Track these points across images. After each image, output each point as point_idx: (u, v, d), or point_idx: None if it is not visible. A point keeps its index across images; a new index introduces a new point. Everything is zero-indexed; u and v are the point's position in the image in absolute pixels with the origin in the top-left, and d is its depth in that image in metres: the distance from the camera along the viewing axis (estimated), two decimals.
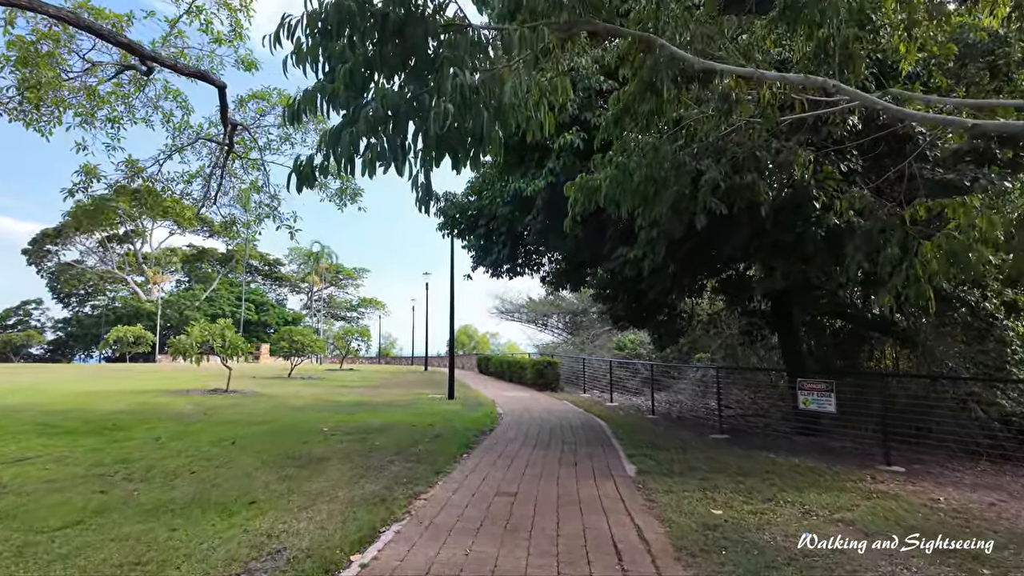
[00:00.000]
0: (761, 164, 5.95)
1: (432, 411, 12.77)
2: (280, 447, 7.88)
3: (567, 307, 30.16)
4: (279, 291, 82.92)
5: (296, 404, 13.70)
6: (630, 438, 9.86)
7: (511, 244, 10.33)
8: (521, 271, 13.54)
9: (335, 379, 23.92)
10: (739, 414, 14.00)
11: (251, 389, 16.98)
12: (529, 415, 12.83)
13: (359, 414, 11.92)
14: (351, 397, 15.87)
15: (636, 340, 21.71)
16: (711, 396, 17.91)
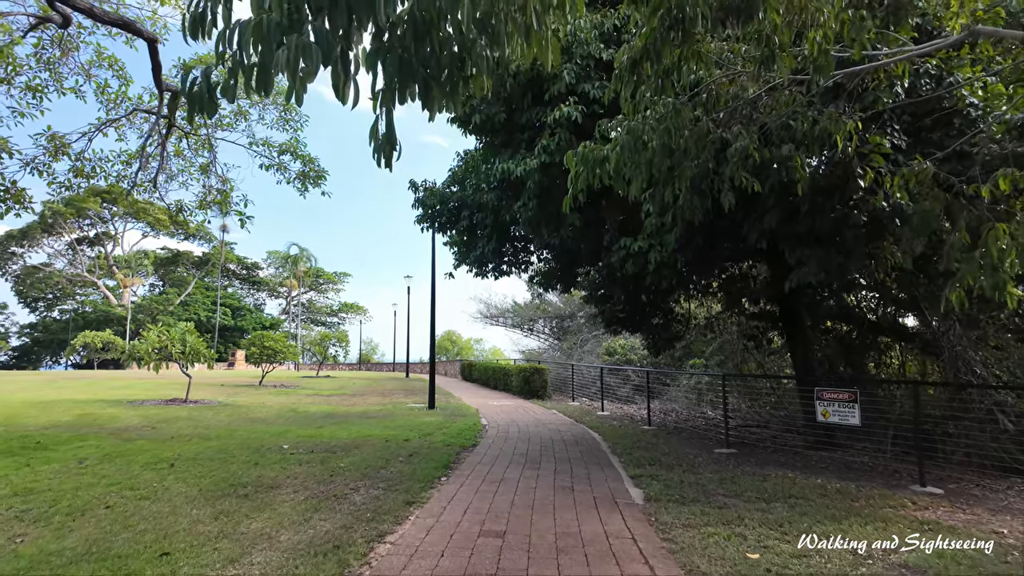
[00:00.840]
0: (796, 135, 4.98)
1: (409, 423, 11.64)
2: (226, 471, 6.72)
3: (554, 311, 29.17)
4: (257, 295, 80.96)
5: (260, 416, 12.48)
6: (629, 454, 8.84)
7: (497, 238, 9.29)
8: (508, 270, 12.51)
9: (309, 387, 22.63)
10: (741, 425, 13.07)
11: (214, 399, 15.68)
12: (516, 427, 11.76)
13: (327, 427, 10.76)
14: (322, 407, 14.67)
15: (627, 345, 20.76)
16: (708, 404, 17.02)
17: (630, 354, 20.26)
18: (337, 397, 18.08)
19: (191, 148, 8.15)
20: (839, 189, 5.22)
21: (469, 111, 7.39)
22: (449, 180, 9.78)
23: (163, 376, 19.65)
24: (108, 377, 26.70)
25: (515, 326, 32.12)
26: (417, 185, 9.73)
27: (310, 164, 8.57)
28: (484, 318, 33.04)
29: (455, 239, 11.35)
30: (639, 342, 21.25)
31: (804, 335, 10.25)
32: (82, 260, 61.05)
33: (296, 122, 8.38)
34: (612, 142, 4.71)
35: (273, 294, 78.97)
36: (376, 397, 18.38)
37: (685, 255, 6.86)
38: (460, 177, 9.67)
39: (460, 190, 9.47)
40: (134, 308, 57.68)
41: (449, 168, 10.00)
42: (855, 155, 5.13)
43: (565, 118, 6.48)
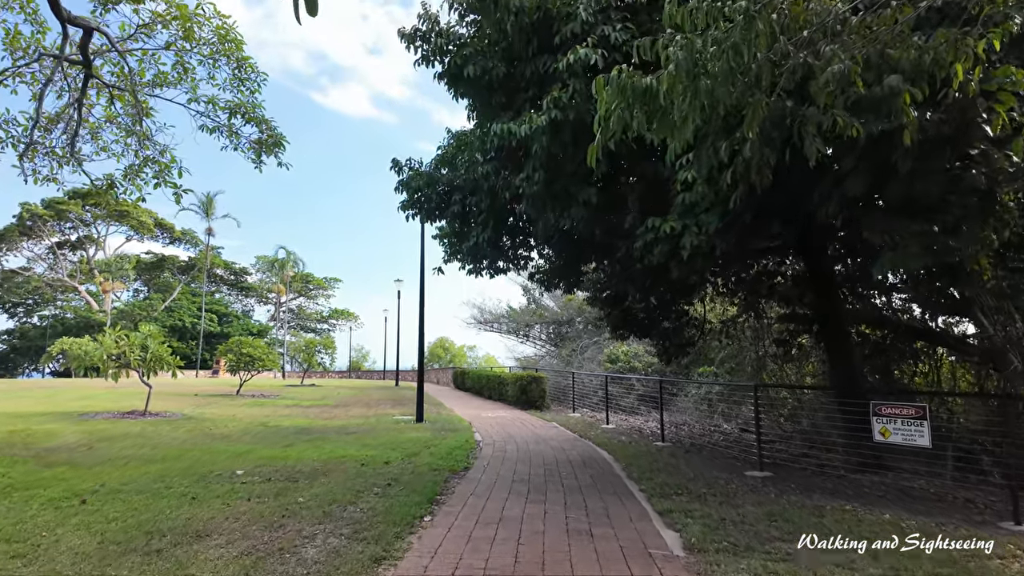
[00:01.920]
0: (901, 65, 3.66)
1: (393, 440, 10.23)
2: (150, 509, 5.30)
3: (551, 316, 27.79)
4: (245, 302, 79.26)
5: (224, 431, 11.03)
6: (650, 479, 7.48)
7: (494, 225, 7.92)
8: (505, 267, 11.15)
9: (291, 397, 21.15)
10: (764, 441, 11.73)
11: (179, 411, 14.19)
12: (515, 444, 10.37)
13: (297, 446, 9.33)
14: (298, 421, 13.21)
15: (630, 352, 19.42)
16: (721, 416, 15.70)
17: (634, 361, 18.92)
18: (317, 409, 16.61)
19: (121, 109, 6.72)
20: (952, 141, 3.92)
21: (460, 61, 6.05)
22: (438, 160, 8.42)
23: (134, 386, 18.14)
24: (78, 386, 25.09)
25: (510, 332, 30.71)
26: (401, 165, 8.36)
27: (265, 126, 7.11)
28: (478, 324, 31.62)
29: (445, 231, 9.98)
30: (643, 349, 19.92)
31: (845, 340, 8.94)
32: (63, 265, 59.19)
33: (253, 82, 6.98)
34: (662, 66, 3.37)
35: (262, 300, 77.23)
36: (360, 408, 16.93)
37: (726, 239, 5.52)
38: (450, 157, 8.33)
39: (451, 171, 8.12)
40: (116, 314, 55.85)
41: (438, 146, 8.68)
42: (978, 93, 3.82)
43: (582, 63, 5.15)
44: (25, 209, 52.29)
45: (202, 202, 55.92)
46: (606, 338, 22.27)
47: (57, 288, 59.15)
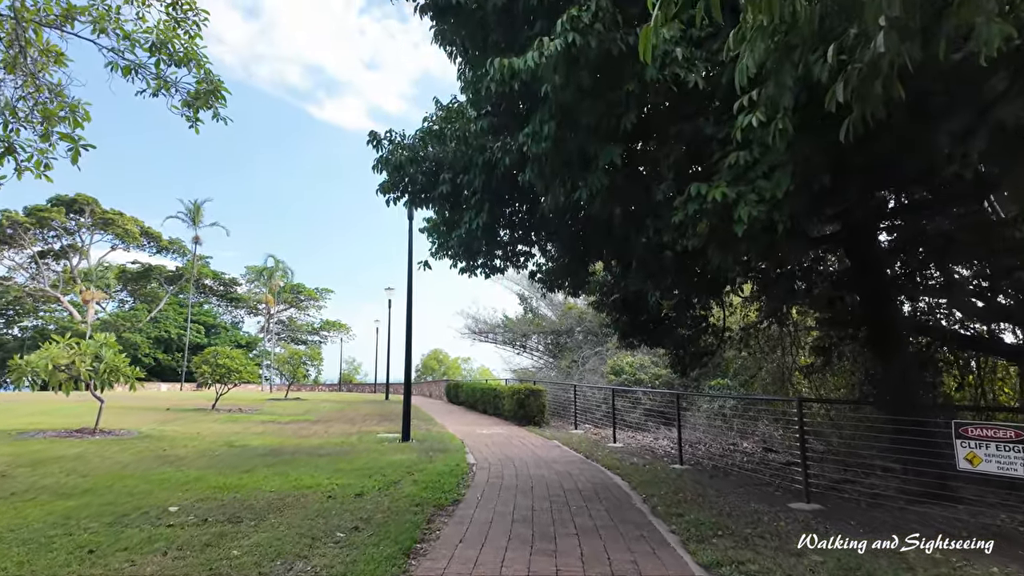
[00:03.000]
0: None
1: (372, 464, 8.84)
2: (23, 569, 3.91)
3: (549, 326, 26.44)
4: (235, 313, 77.54)
5: (179, 453, 9.61)
6: (679, 516, 6.13)
7: (489, 208, 6.58)
8: (501, 265, 9.84)
9: (271, 412, 19.67)
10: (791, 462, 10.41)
11: (137, 428, 12.73)
12: (513, 468, 9.00)
13: (258, 472, 7.93)
14: (270, 440, 11.78)
15: (636, 363, 18.09)
16: (739, 434, 14.35)
17: (640, 373, 17.58)
18: (296, 425, 15.17)
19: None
20: None
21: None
22: (424, 134, 7.10)
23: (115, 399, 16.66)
24: (43, 400, 23.52)
25: (506, 343, 29.32)
26: (379, 139, 7.04)
27: (201, 70, 5.66)
28: (472, 334, 30.21)
29: (433, 221, 8.67)
30: (649, 359, 18.60)
31: (897, 349, 7.64)
32: (46, 274, 57.45)
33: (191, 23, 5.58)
34: None
35: (252, 311, 75.52)
36: (342, 425, 15.49)
37: (796, 203, 4.21)
38: (438, 131, 7.04)
39: (438, 146, 6.83)
40: (99, 325, 54.07)
41: (424, 118, 7.33)
42: None
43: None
44: (4, 216, 50.65)
45: (189, 210, 54.52)
46: (609, 348, 20.94)
47: (39, 299, 57.36)
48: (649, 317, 11.72)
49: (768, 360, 13.57)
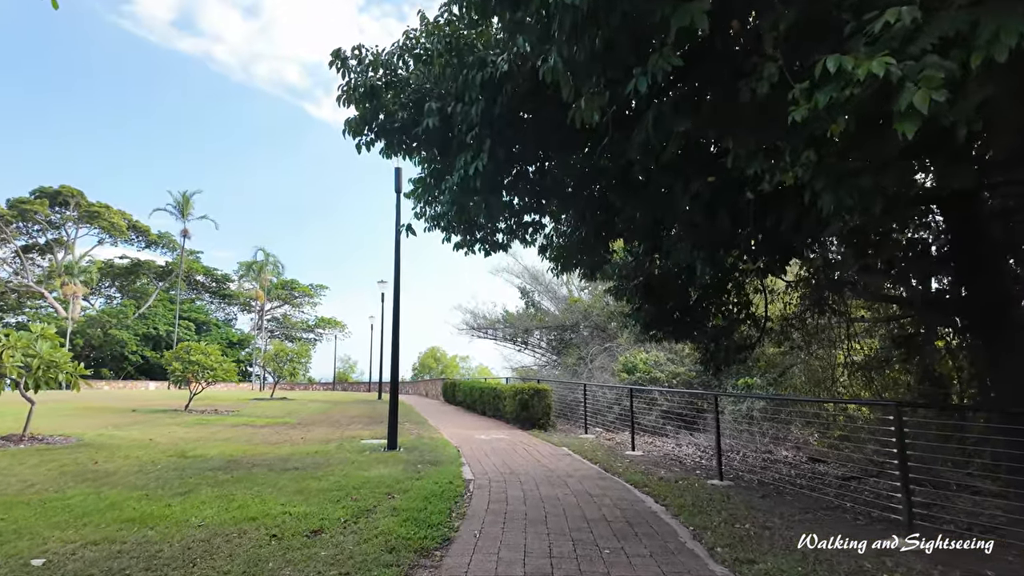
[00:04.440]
0: None
1: (345, 481, 7.14)
2: None
3: (552, 321, 24.72)
4: (228, 310, 75.84)
5: (111, 467, 7.90)
6: (751, 564, 4.45)
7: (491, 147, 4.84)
8: (505, 240, 8.16)
9: (250, 413, 17.95)
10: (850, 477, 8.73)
11: (79, 435, 11.00)
12: (519, 485, 7.30)
13: (197, 494, 6.24)
14: (233, 447, 10.08)
15: (650, 360, 16.41)
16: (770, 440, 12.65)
17: (655, 371, 15.90)
18: (271, 429, 13.46)
19: None
20: None
21: None
22: (403, 50, 5.36)
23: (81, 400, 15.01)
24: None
25: (506, 339, 27.61)
26: (344, 59, 5.29)
27: None
28: (471, 329, 28.47)
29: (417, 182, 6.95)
30: (665, 356, 16.91)
31: (1016, 336, 5.95)
32: (31, 270, 55.65)
33: None
34: None
35: (245, 308, 73.81)
36: (324, 429, 13.78)
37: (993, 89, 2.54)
38: (423, 54, 5.33)
39: (423, 68, 5.13)
40: (84, 322, 52.33)
41: (406, 32, 5.55)
42: None
43: None
44: None
45: (177, 201, 52.70)
46: (620, 344, 19.26)
47: (24, 294, 55.56)
48: (676, 305, 10.04)
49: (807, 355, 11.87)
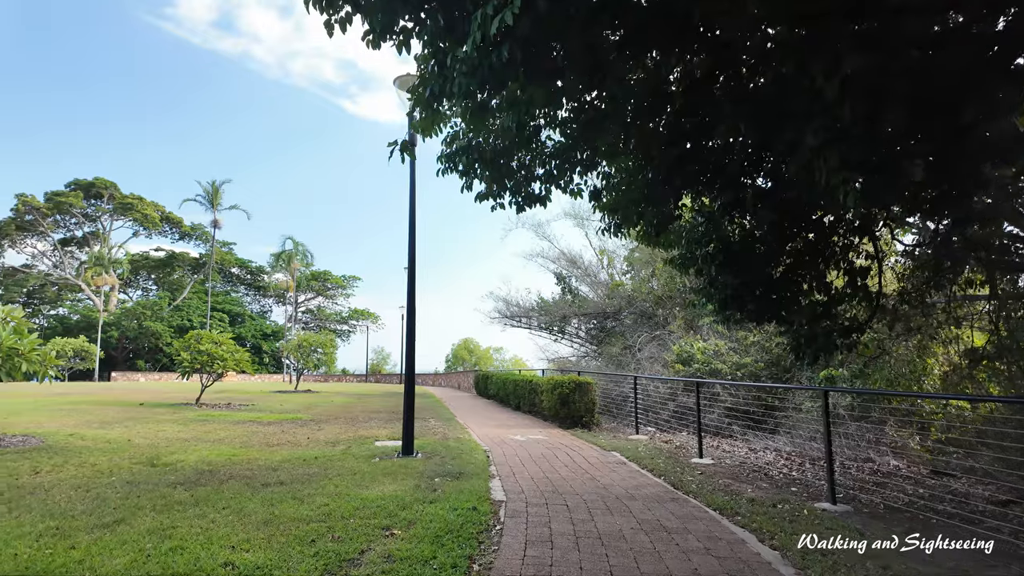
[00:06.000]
0: None
1: (334, 505, 5.36)
2: None
3: (592, 308, 22.64)
4: (263, 302, 76.00)
5: (44, 481, 6.32)
6: None
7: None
8: (544, 186, 6.25)
9: (264, 407, 16.52)
10: (1003, 501, 6.57)
11: (42, 435, 9.53)
12: (568, 512, 5.40)
13: (126, 526, 4.56)
14: (218, 451, 8.46)
15: (709, 350, 14.26)
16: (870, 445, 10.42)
17: (715, 362, 13.76)
18: (278, 426, 11.87)
19: None
20: None
21: None
22: None
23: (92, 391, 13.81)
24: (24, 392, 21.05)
25: (541, 328, 25.66)
26: None
27: None
28: (503, 317, 26.58)
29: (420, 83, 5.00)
30: (726, 345, 14.73)
31: None
32: (68, 262, 56.17)
33: None
34: None
35: (279, 300, 73.70)
36: (338, 426, 12.13)
37: None
38: None
39: None
40: (120, 314, 52.51)
41: None
42: None
43: None
44: (22, 201, 49.19)
45: (207, 191, 52.19)
46: (672, 332, 17.12)
47: (63, 287, 56.17)
48: (758, 278, 7.96)
49: (924, 339, 9.63)
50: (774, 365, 14.24)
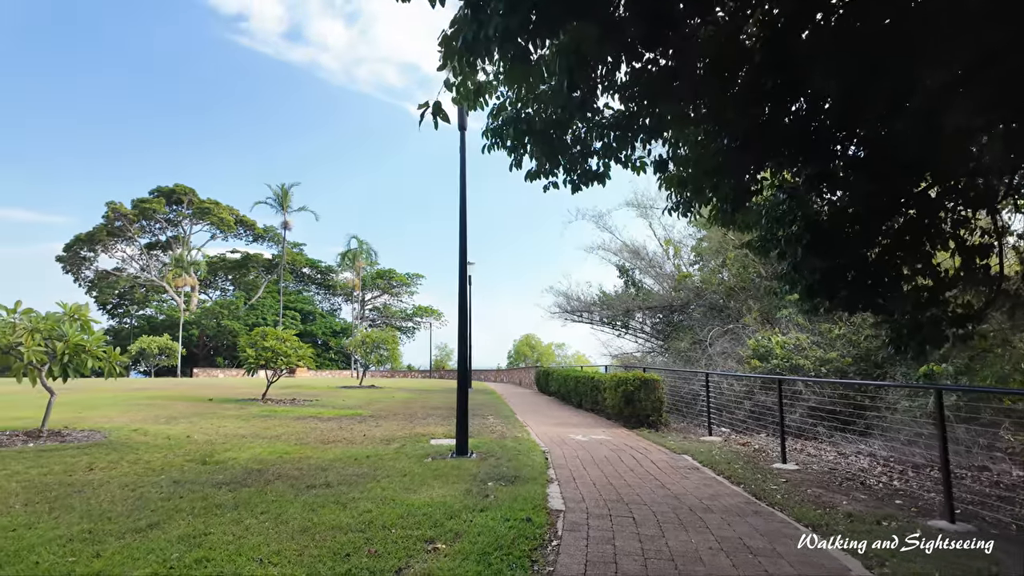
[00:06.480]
0: None
1: (377, 512, 4.95)
2: None
3: (657, 301, 21.61)
4: (333, 300, 78.29)
5: (95, 478, 6.25)
6: None
7: None
8: (602, 160, 5.63)
9: (328, 403, 16.63)
10: None
11: (106, 430, 9.69)
12: (635, 527, 4.76)
13: (150, 536, 4.31)
14: (272, 448, 8.32)
15: (789, 343, 13.12)
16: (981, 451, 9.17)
17: (797, 357, 12.62)
18: (336, 422, 11.76)
19: None
20: None
21: None
22: None
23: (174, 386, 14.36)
24: (101, 387, 22.16)
25: (603, 322, 24.81)
26: None
27: None
28: (564, 312, 25.91)
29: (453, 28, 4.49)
30: (808, 339, 13.52)
31: None
32: (154, 265, 59.74)
33: None
34: None
35: (348, 298, 75.78)
36: (395, 423, 11.89)
37: None
38: None
39: None
40: (200, 313, 55.36)
41: None
42: None
43: None
44: (111, 208, 52.66)
45: (277, 194, 54.15)
46: (745, 325, 15.98)
47: (149, 288, 59.80)
48: (852, 261, 7.00)
49: None
50: (863, 360, 12.96)
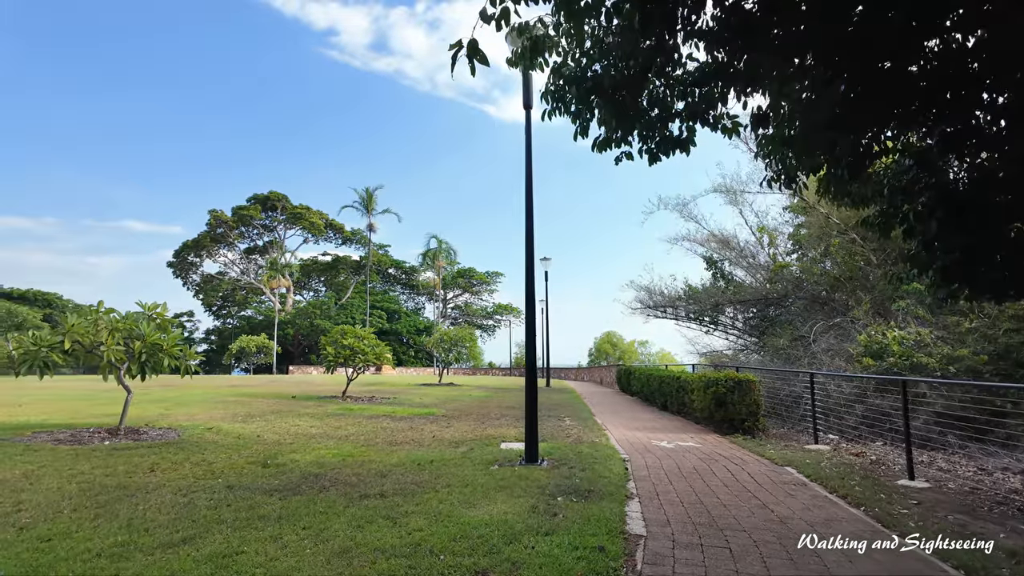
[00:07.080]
0: None
1: (430, 531, 4.40)
2: None
3: (749, 294, 19.96)
4: (417, 299, 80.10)
5: (154, 481, 6.10)
6: None
7: None
8: (685, 123, 4.78)
9: (404, 401, 16.57)
10: None
11: (182, 427, 9.81)
12: (733, 562, 3.91)
13: (181, 552, 3.97)
14: (338, 449, 8.04)
15: (909, 339, 11.47)
16: None
17: (918, 354, 10.98)
18: (407, 422, 11.47)
19: None
20: None
21: None
22: None
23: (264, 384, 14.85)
24: (178, 385, 23.32)
25: (690, 318, 23.33)
26: None
27: None
28: (645, 308, 24.59)
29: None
30: (930, 334, 11.79)
31: None
32: (252, 268, 63.46)
33: None
34: None
35: (430, 297, 77.32)
36: (467, 424, 11.43)
37: None
38: None
39: None
40: (295, 314, 58.19)
41: None
42: None
43: None
44: (213, 216, 56.39)
45: (362, 198, 55.85)
46: (853, 320, 14.28)
47: (249, 290, 63.60)
48: (998, 238, 5.70)
49: None
50: (1001, 358, 11.16)
